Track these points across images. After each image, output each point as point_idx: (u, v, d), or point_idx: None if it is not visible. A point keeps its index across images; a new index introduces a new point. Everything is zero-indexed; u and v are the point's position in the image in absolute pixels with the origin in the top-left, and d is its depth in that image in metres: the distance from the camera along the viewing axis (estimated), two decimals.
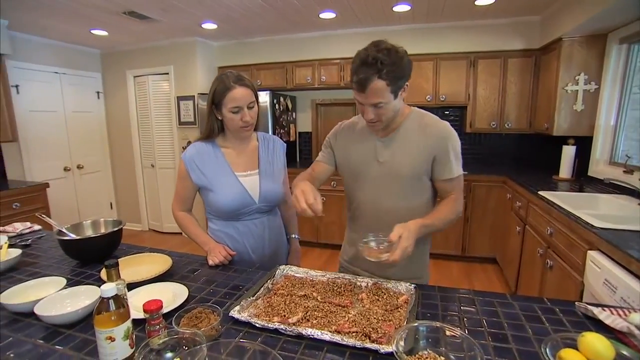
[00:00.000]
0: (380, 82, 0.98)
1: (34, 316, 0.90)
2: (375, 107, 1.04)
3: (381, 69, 0.97)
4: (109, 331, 0.69)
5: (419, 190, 1.19)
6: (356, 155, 1.23)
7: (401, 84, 1.03)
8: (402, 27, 3.55)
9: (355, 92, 1.05)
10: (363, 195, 1.23)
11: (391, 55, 0.97)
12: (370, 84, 0.99)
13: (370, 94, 1.01)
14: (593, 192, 2.40)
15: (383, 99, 1.01)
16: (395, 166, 1.15)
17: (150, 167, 4.37)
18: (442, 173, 1.14)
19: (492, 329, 0.83)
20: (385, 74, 0.97)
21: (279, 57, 3.96)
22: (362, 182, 1.22)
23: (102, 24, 3.27)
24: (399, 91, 1.04)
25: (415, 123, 1.16)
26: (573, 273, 1.71)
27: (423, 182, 1.18)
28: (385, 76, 0.98)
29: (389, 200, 1.18)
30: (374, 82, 0.98)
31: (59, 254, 1.37)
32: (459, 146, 1.14)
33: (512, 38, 3.28)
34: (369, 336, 0.78)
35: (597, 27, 2.56)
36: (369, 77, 0.98)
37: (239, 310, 0.88)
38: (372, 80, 0.98)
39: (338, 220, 3.71)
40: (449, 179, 1.14)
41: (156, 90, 4.15)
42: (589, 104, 2.76)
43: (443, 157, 1.12)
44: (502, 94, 3.35)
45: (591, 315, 0.86)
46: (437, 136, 1.12)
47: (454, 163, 1.13)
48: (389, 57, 0.97)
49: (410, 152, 1.14)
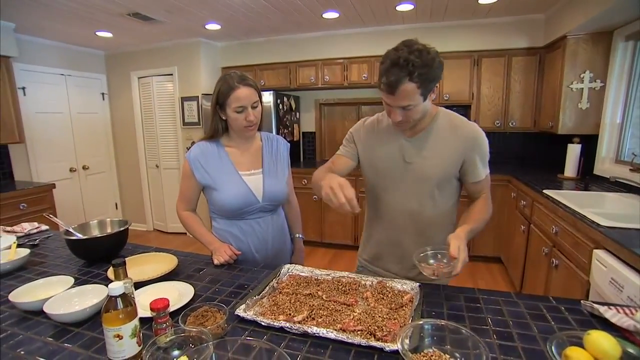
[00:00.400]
0: (411, 84, 0.95)
1: (43, 314, 0.91)
2: (404, 110, 1.01)
3: (412, 72, 0.93)
4: (116, 329, 0.70)
5: (447, 193, 1.17)
6: (381, 154, 1.20)
7: (432, 86, 1.00)
8: (405, 26, 3.55)
9: (383, 93, 1.01)
10: (388, 196, 1.21)
11: (423, 56, 0.94)
12: (400, 87, 0.95)
13: (400, 97, 0.98)
14: (599, 190, 2.38)
15: (412, 102, 0.99)
16: (424, 167, 1.13)
17: (154, 168, 4.40)
18: (472, 175, 1.13)
19: (497, 328, 0.83)
20: (416, 76, 0.94)
21: (282, 57, 3.97)
22: (388, 182, 1.19)
23: (107, 26, 3.30)
24: (428, 93, 1.02)
25: (445, 124, 1.13)
26: (579, 272, 1.70)
27: (452, 184, 1.16)
28: (416, 79, 0.94)
29: (416, 202, 1.16)
30: (404, 85, 0.95)
31: (67, 254, 1.38)
32: (487, 147, 1.13)
33: (516, 36, 3.26)
34: (374, 334, 0.78)
35: (603, 25, 2.54)
36: (400, 80, 0.94)
37: (244, 308, 0.89)
38: (402, 83, 0.95)
39: (342, 219, 3.71)
40: (479, 181, 1.14)
41: (160, 91, 4.18)
42: (594, 102, 2.74)
43: (472, 159, 1.11)
44: (506, 92, 3.33)
45: (597, 314, 0.85)
46: (467, 138, 1.10)
47: (481, 166, 1.13)
48: (421, 59, 0.93)
49: (440, 153, 1.12)
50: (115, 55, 4.31)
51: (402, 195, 1.17)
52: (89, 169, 4.22)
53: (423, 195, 1.15)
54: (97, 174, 4.36)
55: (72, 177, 4.03)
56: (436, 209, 1.16)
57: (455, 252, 0.89)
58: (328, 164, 1.27)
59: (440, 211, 1.16)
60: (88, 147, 4.21)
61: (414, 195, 1.15)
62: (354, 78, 3.74)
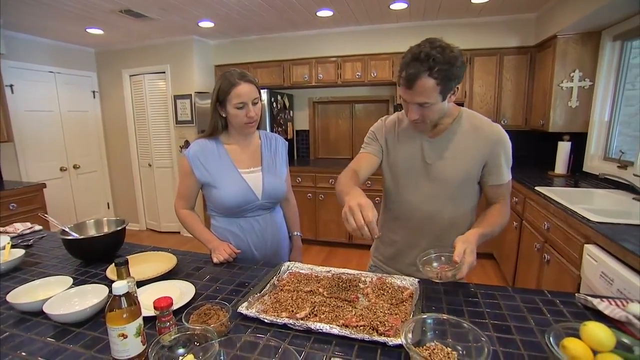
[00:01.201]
0: (430, 80, 0.93)
1: (42, 315, 0.91)
2: (421, 107, 0.99)
3: (432, 67, 0.92)
4: (121, 328, 0.70)
5: (468, 195, 1.15)
6: (401, 154, 1.18)
7: (452, 85, 0.97)
8: (398, 25, 3.57)
9: (401, 88, 1.00)
10: (406, 196, 1.18)
11: (445, 53, 0.92)
12: (418, 81, 0.94)
13: (417, 92, 0.96)
14: (588, 187, 2.44)
15: (429, 99, 0.96)
16: (445, 169, 1.11)
17: (147, 167, 4.35)
18: (493, 179, 1.10)
19: (494, 321, 0.85)
20: (436, 72, 0.92)
21: (276, 56, 3.96)
22: (407, 183, 1.17)
23: (98, 23, 3.25)
24: (448, 93, 0.99)
25: (467, 125, 1.11)
26: (570, 267, 1.74)
27: (472, 187, 1.14)
28: (436, 74, 0.92)
29: (435, 204, 1.14)
30: (423, 80, 0.93)
31: (62, 254, 1.37)
32: (510, 150, 1.10)
33: (507, 35, 3.31)
34: (377, 329, 0.80)
35: (592, 25, 2.60)
36: (419, 74, 0.93)
37: (246, 306, 0.90)
38: (421, 77, 0.93)
39: (336, 218, 3.73)
40: (500, 184, 1.11)
41: (152, 89, 4.14)
42: (583, 100, 2.80)
43: (495, 162, 1.08)
44: (498, 91, 3.38)
45: (591, 306, 0.88)
46: (490, 140, 1.07)
47: (505, 168, 1.10)
48: (443, 56, 0.92)
49: (462, 155, 1.09)
50: (106, 53, 4.24)
51: (421, 196, 1.15)
52: (80, 168, 4.16)
53: (442, 197, 1.13)
54: (89, 173, 4.30)
55: (62, 176, 3.97)
56: (455, 211, 1.14)
57: (458, 257, 0.88)
58: (352, 164, 1.20)
59: (459, 214, 1.15)
60: (79, 146, 4.15)
61: (433, 197, 1.14)
62: (348, 76, 3.76)
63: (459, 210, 1.15)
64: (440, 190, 1.13)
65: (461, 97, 3.47)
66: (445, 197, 1.13)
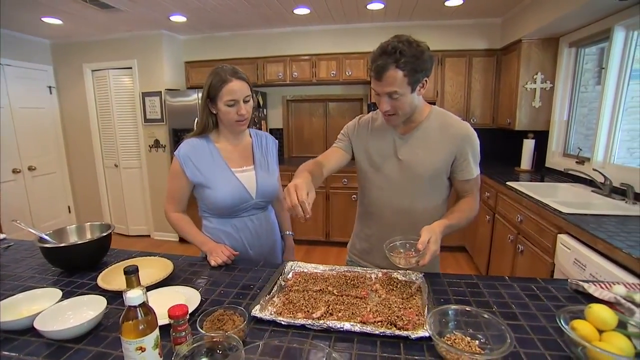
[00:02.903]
0: (398, 71, 0.99)
1: (30, 332, 0.83)
2: (391, 98, 1.04)
3: (399, 59, 0.98)
4: (139, 341, 0.66)
5: (437, 190, 1.19)
6: (374, 150, 1.22)
7: (419, 77, 1.03)
8: (373, 24, 3.63)
9: (372, 80, 1.05)
10: (380, 192, 1.23)
11: (412, 47, 0.99)
12: (386, 72, 0.99)
13: (386, 83, 1.01)
14: (552, 181, 2.64)
15: (399, 89, 1.02)
16: (415, 164, 1.15)
17: (113, 167, 4.10)
18: (462, 174, 1.15)
19: (501, 309, 0.90)
20: (402, 63, 0.98)
21: (249, 53, 3.88)
22: (379, 178, 1.21)
23: (56, 12, 2.99)
24: (416, 85, 1.04)
25: (437, 122, 1.16)
26: (544, 256, 1.88)
27: (442, 182, 1.18)
28: (402, 65, 0.98)
29: (406, 198, 1.19)
30: (390, 71, 0.99)
31: (38, 263, 1.26)
32: (478, 147, 1.16)
33: (476, 38, 3.48)
34: (395, 324, 0.81)
35: (551, 32, 2.81)
36: (387, 65, 0.99)
37: (259, 309, 0.88)
38: (389, 69, 0.99)
39: (313, 216, 3.74)
40: (468, 179, 1.16)
41: (118, 86, 3.89)
42: (545, 101, 3.02)
43: (463, 158, 1.13)
44: (467, 90, 3.55)
45: (582, 290, 0.96)
46: (458, 137, 1.12)
47: (473, 164, 1.15)
48: (409, 49, 0.98)
49: (432, 150, 1.14)
50: (64, 45, 3.93)
51: (394, 191, 1.19)
52: (36, 170, 3.82)
53: (414, 192, 1.18)
54: (46, 175, 3.97)
55: (15, 178, 3.63)
56: (427, 205, 1.19)
57: (422, 245, 0.93)
58: (319, 157, 1.26)
59: (430, 207, 1.19)
60: (34, 145, 3.82)
61: (405, 192, 1.18)
62: (323, 75, 3.77)
63: (429, 204, 1.20)
64: (412, 185, 1.17)
65: (433, 96, 3.61)
66: (416, 192, 1.18)
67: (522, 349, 0.74)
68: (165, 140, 3.86)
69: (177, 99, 3.67)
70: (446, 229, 1.04)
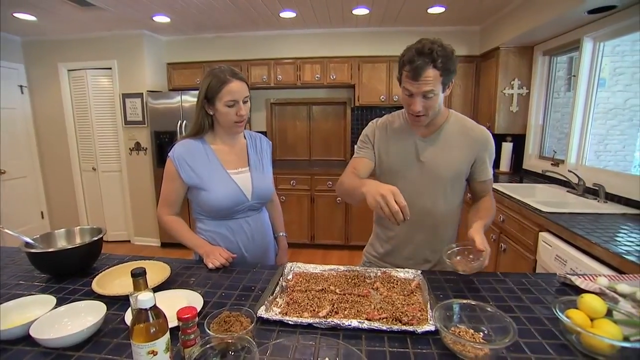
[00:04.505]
0: (435, 71, 1.03)
1: (25, 341, 0.80)
2: (425, 98, 1.07)
3: (436, 59, 1.01)
4: (151, 345, 0.65)
5: (457, 191, 1.24)
6: (396, 153, 1.24)
7: (450, 77, 1.07)
8: (357, 29, 3.69)
9: (406, 81, 1.07)
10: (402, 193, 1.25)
11: (445, 49, 1.04)
12: (424, 72, 1.02)
13: (424, 82, 1.04)
14: (529, 182, 2.77)
15: (435, 88, 1.05)
16: (438, 166, 1.19)
17: (91, 171, 3.95)
18: (480, 175, 1.22)
19: (497, 302, 0.94)
20: (439, 63, 1.02)
21: (233, 55, 3.85)
22: (402, 181, 1.21)
23: (29, 7, 2.86)
24: (447, 85, 1.09)
25: (458, 125, 1.21)
26: (526, 253, 1.97)
27: (461, 183, 1.24)
28: (439, 65, 1.02)
29: (429, 200, 1.21)
30: (428, 71, 1.02)
31: (23, 269, 1.21)
32: (494, 150, 1.23)
33: (456, 45, 3.49)
34: (400, 320, 0.84)
35: (527, 40, 2.96)
36: (424, 66, 1.02)
37: (265, 309, 0.88)
38: (426, 69, 1.02)
39: (297, 219, 3.75)
40: (485, 180, 1.23)
41: (97, 87, 3.76)
42: (522, 106, 3.17)
43: (482, 160, 1.20)
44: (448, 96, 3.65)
45: (569, 283, 1.02)
46: (479, 140, 1.19)
47: (489, 166, 1.22)
48: (442, 50, 1.03)
49: (454, 153, 1.18)
50: (37, 43, 3.75)
51: (416, 193, 1.20)
52: (5, 174, 3.62)
53: (436, 193, 1.21)
54: (17, 179, 3.76)
55: None
56: (447, 206, 1.23)
57: (483, 246, 0.99)
58: (350, 168, 1.27)
59: (450, 208, 1.24)
60: (4, 147, 3.61)
61: (427, 192, 1.21)
62: (307, 78, 3.79)
63: (449, 205, 1.24)
64: (434, 186, 1.21)
65: None
66: (437, 193, 1.22)
67: (521, 339, 0.78)
68: (147, 143, 3.76)
69: (159, 101, 3.59)
70: (483, 229, 1.09)
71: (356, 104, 3.81)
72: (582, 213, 1.82)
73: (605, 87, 2.61)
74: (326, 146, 4.27)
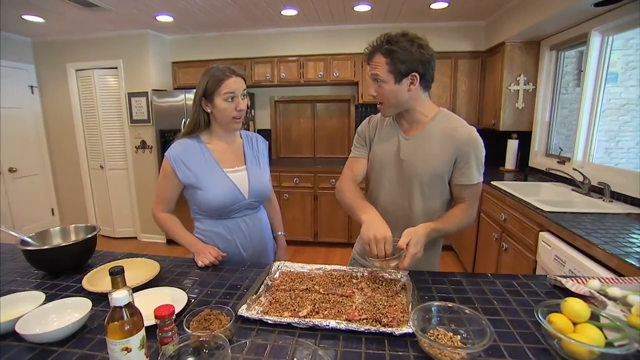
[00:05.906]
0: (381, 57, 1.08)
1: (12, 337, 0.82)
2: (376, 82, 1.12)
3: (383, 46, 1.07)
4: (124, 342, 0.66)
5: (438, 192, 1.18)
6: (380, 151, 1.23)
7: (402, 68, 1.06)
8: (360, 26, 3.66)
9: None
10: (381, 191, 1.23)
11: (404, 38, 1.06)
12: (373, 57, 1.10)
13: (373, 67, 1.11)
14: (535, 180, 2.71)
15: (380, 74, 1.09)
16: (415, 164, 1.15)
17: (98, 169, 4.03)
18: (461, 178, 1.13)
19: (482, 305, 0.93)
20: (386, 50, 1.06)
21: (236, 53, 3.86)
22: (382, 178, 1.22)
23: (38, 10, 2.92)
24: (400, 77, 1.07)
25: (442, 124, 1.15)
26: (526, 253, 1.93)
27: (442, 184, 1.17)
28: (385, 52, 1.06)
29: (407, 200, 1.19)
30: (376, 56, 1.09)
31: (20, 266, 1.24)
32: (482, 154, 1.13)
33: (461, 40, 3.54)
34: (380, 321, 0.83)
35: (533, 35, 2.88)
36: (373, 51, 1.10)
37: (246, 308, 0.88)
38: (375, 54, 1.09)
39: (301, 216, 3.75)
40: (467, 184, 1.14)
41: (103, 86, 3.83)
42: (528, 102, 3.09)
43: (465, 162, 1.11)
44: (453, 92, 3.61)
45: (560, 285, 0.99)
46: (461, 140, 1.10)
47: (475, 170, 1.12)
48: (399, 40, 1.05)
49: (433, 151, 1.13)
50: (47, 44, 3.84)
51: (394, 191, 1.21)
52: (17, 172, 3.73)
53: (413, 192, 1.18)
54: (28, 176, 3.87)
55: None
56: (426, 207, 1.18)
57: (403, 244, 0.96)
58: (347, 171, 1.28)
59: (429, 209, 1.19)
60: (15, 146, 3.72)
61: (406, 193, 1.19)
62: (310, 75, 3.78)
63: (428, 206, 1.19)
64: (410, 185, 1.17)
65: None
66: (414, 192, 1.18)
67: (502, 343, 0.77)
68: (152, 141, 3.81)
69: (164, 100, 3.63)
70: (432, 232, 1.04)
71: (360, 101, 3.78)
72: (585, 213, 1.78)
73: (617, 81, 2.52)
74: (330, 144, 4.26)
